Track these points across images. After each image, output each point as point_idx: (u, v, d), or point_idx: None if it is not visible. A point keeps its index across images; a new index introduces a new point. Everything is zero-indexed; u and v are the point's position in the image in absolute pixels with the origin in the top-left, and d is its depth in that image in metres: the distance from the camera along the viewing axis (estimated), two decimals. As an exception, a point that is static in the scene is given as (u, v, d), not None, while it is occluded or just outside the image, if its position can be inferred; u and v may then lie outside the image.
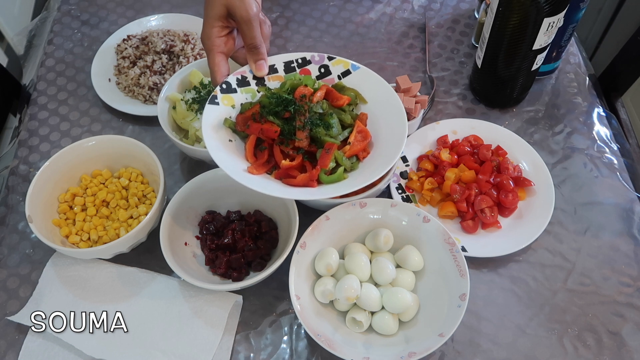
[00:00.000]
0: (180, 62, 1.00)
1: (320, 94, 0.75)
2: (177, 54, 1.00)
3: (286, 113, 0.73)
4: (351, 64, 0.79)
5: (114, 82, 1.01)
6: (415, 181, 0.86)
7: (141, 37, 1.03)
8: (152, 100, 0.97)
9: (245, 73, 0.77)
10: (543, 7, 0.77)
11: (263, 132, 0.72)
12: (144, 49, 1.01)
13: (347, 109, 0.77)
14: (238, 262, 0.76)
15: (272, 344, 0.75)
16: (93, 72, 0.99)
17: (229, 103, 0.75)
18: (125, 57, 1.01)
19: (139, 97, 0.98)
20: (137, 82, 0.98)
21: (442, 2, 1.12)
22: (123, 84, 0.99)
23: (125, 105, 0.96)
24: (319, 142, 0.73)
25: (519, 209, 0.84)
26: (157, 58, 1.00)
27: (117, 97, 0.98)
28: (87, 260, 0.80)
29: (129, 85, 0.98)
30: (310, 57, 0.80)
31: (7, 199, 0.89)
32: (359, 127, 0.75)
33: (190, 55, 1.00)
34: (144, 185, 0.85)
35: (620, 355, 0.73)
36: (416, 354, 0.66)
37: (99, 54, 1.03)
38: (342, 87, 0.79)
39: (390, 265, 0.74)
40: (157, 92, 0.97)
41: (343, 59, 0.80)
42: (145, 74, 0.98)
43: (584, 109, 0.97)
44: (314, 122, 0.72)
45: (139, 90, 0.98)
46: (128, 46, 1.02)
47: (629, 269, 0.80)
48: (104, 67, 1.01)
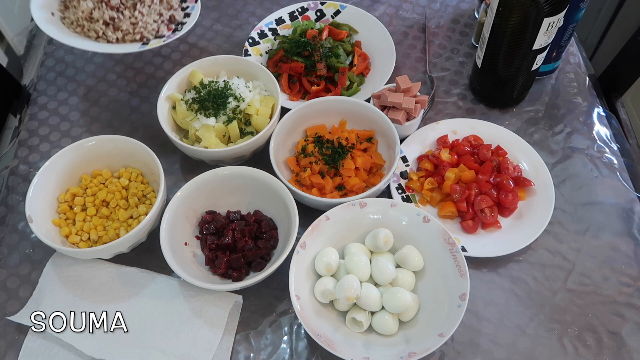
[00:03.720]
0: (143, 1, 0.93)
1: (325, 33, 0.99)
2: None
3: (305, 52, 0.96)
4: (339, 4, 1.04)
5: (57, 17, 0.93)
6: (415, 181, 0.86)
7: None
8: (105, 37, 0.91)
9: (262, 27, 1.01)
10: (543, 7, 0.77)
11: (292, 69, 0.95)
12: None
13: (346, 40, 1.01)
14: (238, 262, 0.76)
15: (272, 344, 0.75)
16: (33, 5, 0.90)
17: (257, 53, 1.00)
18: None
19: (90, 32, 0.91)
20: (88, 17, 0.90)
21: (442, 2, 1.12)
22: (70, 17, 0.92)
23: (75, 41, 0.89)
24: (334, 69, 0.96)
25: (519, 209, 0.84)
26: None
27: (63, 33, 0.90)
28: (87, 260, 0.80)
29: (78, 19, 0.91)
30: (307, 5, 1.04)
31: (7, 199, 0.89)
32: (358, 52, 0.99)
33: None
34: (144, 185, 0.85)
35: (620, 355, 0.73)
36: (416, 354, 0.67)
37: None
38: (337, 24, 1.03)
39: (390, 265, 0.74)
40: (113, 30, 0.91)
41: (332, 2, 1.04)
42: (99, 7, 0.91)
43: (584, 109, 0.97)
44: (326, 54, 0.96)
45: (91, 26, 0.90)
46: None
47: (629, 269, 0.80)
48: (47, 1, 0.93)
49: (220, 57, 0.91)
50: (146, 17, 0.92)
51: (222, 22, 1.10)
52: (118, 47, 0.90)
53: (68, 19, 0.92)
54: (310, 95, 0.95)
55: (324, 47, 0.96)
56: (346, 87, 0.96)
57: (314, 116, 0.89)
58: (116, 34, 0.91)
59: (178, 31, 0.93)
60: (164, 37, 0.93)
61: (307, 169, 0.84)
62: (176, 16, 0.96)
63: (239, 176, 0.81)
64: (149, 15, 0.92)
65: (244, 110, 0.87)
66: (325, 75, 0.97)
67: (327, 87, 0.97)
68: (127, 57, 1.05)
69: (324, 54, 0.96)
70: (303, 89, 0.96)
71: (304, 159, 0.85)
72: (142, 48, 0.90)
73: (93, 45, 0.89)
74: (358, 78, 0.97)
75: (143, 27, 0.91)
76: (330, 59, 0.96)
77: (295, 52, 0.96)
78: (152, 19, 0.93)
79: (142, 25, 0.91)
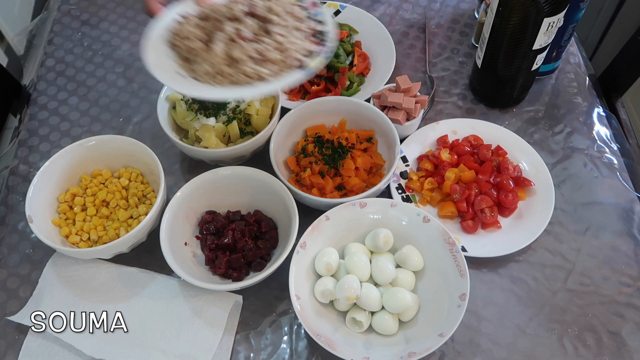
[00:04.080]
0: (271, 20, 0.73)
1: None
2: (264, 16, 0.74)
3: None
4: (339, 4, 1.03)
5: (186, 75, 0.73)
6: (415, 181, 0.86)
7: (199, 15, 0.75)
8: (257, 75, 0.70)
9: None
10: (543, 7, 0.77)
11: None
12: (210, 25, 0.74)
13: (346, 40, 1.00)
14: (238, 262, 0.76)
15: (272, 344, 0.75)
16: (155, 72, 0.71)
17: None
18: (190, 39, 0.74)
19: (237, 76, 0.70)
20: (227, 60, 0.71)
21: (442, 2, 1.12)
22: (200, 70, 0.71)
23: (233, 92, 0.71)
24: (334, 69, 0.96)
25: (519, 209, 0.84)
26: (239, 25, 0.72)
27: (211, 90, 0.71)
28: (87, 260, 0.80)
29: (214, 67, 0.71)
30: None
31: (7, 199, 0.89)
32: (358, 52, 0.99)
33: (282, 12, 0.74)
34: (144, 185, 0.85)
35: (620, 355, 0.73)
36: (416, 354, 0.66)
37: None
38: (337, 24, 1.00)
39: (390, 265, 0.74)
40: (262, 63, 0.71)
41: (332, 2, 1.03)
42: (236, 45, 0.71)
43: (584, 109, 0.97)
44: None
45: (237, 69, 0.70)
46: (190, 27, 0.74)
47: (629, 269, 0.80)
48: (164, 60, 0.74)
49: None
50: (288, 36, 0.73)
51: (222, 22, 1.10)
52: (281, 81, 0.71)
53: (197, 71, 0.72)
54: (310, 95, 0.95)
55: None
56: (346, 87, 0.96)
57: (314, 116, 0.89)
58: (267, 66, 0.71)
59: (325, 41, 0.74)
60: (317, 53, 0.73)
61: (307, 169, 0.84)
62: (313, 25, 0.77)
63: (239, 176, 0.81)
64: (289, 34, 0.74)
65: (244, 110, 0.87)
66: (325, 75, 0.97)
67: (327, 87, 0.97)
68: (127, 57, 1.06)
69: None
70: (303, 89, 0.97)
71: (304, 159, 0.85)
72: (308, 73, 0.72)
73: (255, 90, 0.71)
74: (358, 78, 0.98)
75: (293, 49, 0.72)
76: (330, 59, 0.96)
77: None
78: (294, 37, 0.74)
79: (290, 47, 0.72)
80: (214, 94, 0.70)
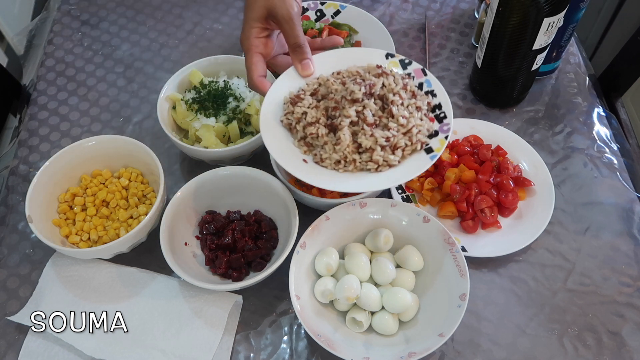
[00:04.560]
0: (391, 101, 0.70)
1: (325, 33, 0.99)
2: (380, 94, 0.71)
3: None
4: (339, 4, 1.03)
5: (310, 162, 0.70)
6: (415, 181, 0.86)
7: (310, 91, 0.73)
8: (387, 163, 0.68)
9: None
10: (543, 7, 0.77)
11: None
12: (329, 106, 0.71)
13: (346, 40, 0.99)
14: (238, 262, 0.76)
15: (272, 344, 0.75)
16: (280, 160, 0.69)
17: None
18: (312, 123, 0.70)
19: (367, 165, 0.69)
20: (355, 149, 0.69)
21: (442, 2, 1.12)
22: (331, 158, 0.69)
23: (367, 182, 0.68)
24: None
25: (519, 209, 0.84)
26: (360, 107, 0.69)
27: (332, 177, 0.69)
28: (87, 260, 0.80)
29: (344, 156, 0.69)
30: (307, 5, 1.02)
31: (7, 199, 0.89)
32: None
33: (399, 89, 0.71)
34: (144, 185, 0.85)
35: (620, 355, 0.73)
36: (416, 354, 0.66)
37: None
38: (337, 24, 1.02)
39: (390, 265, 0.74)
40: (392, 150, 0.69)
41: (332, 2, 1.03)
42: (362, 132, 0.68)
43: (584, 109, 0.97)
44: None
45: (364, 156, 0.68)
46: (306, 108, 0.71)
47: (629, 269, 0.80)
48: (284, 146, 0.72)
49: (220, 57, 0.91)
50: (410, 118, 0.70)
51: (222, 22, 1.10)
52: (410, 168, 0.69)
53: (328, 160, 0.69)
54: None
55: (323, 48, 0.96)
56: None
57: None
58: (396, 153, 0.69)
59: (445, 118, 0.72)
60: (441, 134, 0.71)
61: None
62: (428, 101, 0.73)
63: (239, 176, 0.81)
64: (411, 115, 0.70)
65: (244, 110, 0.87)
66: None
67: None
68: (127, 57, 1.06)
69: None
70: None
71: None
72: (434, 158, 0.68)
73: (388, 181, 0.68)
74: None
75: (418, 132, 0.69)
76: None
77: None
78: (416, 118, 0.70)
79: (415, 130, 0.69)
80: (352, 188, 0.67)
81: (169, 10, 1.12)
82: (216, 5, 1.13)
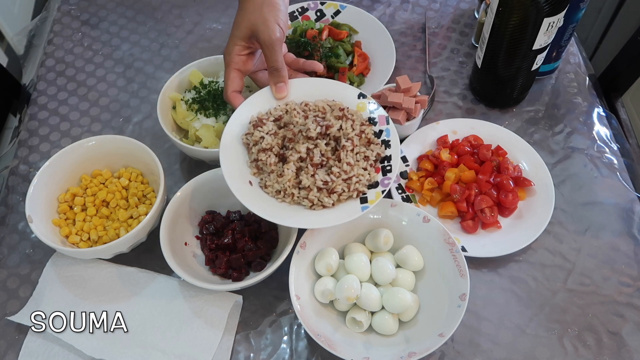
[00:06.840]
0: (342, 146, 0.73)
1: (325, 33, 0.99)
2: (335, 136, 0.74)
3: (306, 52, 0.95)
4: (339, 4, 1.04)
5: (256, 184, 0.74)
6: (415, 181, 0.86)
7: (275, 117, 0.76)
8: (321, 203, 0.71)
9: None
10: (543, 7, 0.77)
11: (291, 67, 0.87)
12: (286, 136, 0.75)
13: (346, 40, 1.01)
14: (238, 262, 0.76)
15: (272, 344, 0.75)
16: (227, 176, 0.71)
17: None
18: (265, 150, 0.73)
19: (302, 202, 0.72)
20: (296, 184, 0.73)
21: (442, 2, 1.12)
22: (273, 186, 0.73)
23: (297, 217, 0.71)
24: (334, 69, 0.96)
25: (519, 209, 0.84)
26: (312, 145, 0.73)
27: (268, 204, 0.72)
28: (87, 260, 0.80)
29: (284, 188, 0.72)
30: (307, 5, 1.04)
31: (7, 199, 0.89)
32: (358, 52, 0.99)
33: (353, 135, 0.73)
34: (144, 185, 0.85)
35: (620, 355, 0.73)
36: (416, 354, 0.66)
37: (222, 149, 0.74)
38: (337, 24, 1.03)
39: (390, 265, 0.74)
40: (328, 193, 0.71)
41: (332, 2, 1.04)
42: (305, 170, 0.72)
43: (584, 109, 0.97)
44: (327, 54, 0.96)
45: (299, 193, 0.72)
46: (265, 133, 0.74)
47: (629, 269, 0.80)
48: (236, 164, 0.74)
49: (220, 57, 0.91)
50: (355, 166, 0.73)
51: (222, 22, 1.10)
52: (341, 213, 0.72)
53: (271, 187, 0.73)
54: None
55: (324, 47, 0.97)
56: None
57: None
58: (332, 197, 0.72)
59: (389, 172, 0.73)
60: (379, 187, 0.73)
61: None
62: (378, 151, 0.75)
63: (239, 176, 0.81)
64: (357, 164, 0.73)
65: (243, 110, 0.87)
66: (326, 75, 0.97)
67: None
68: (127, 57, 1.06)
69: (324, 54, 0.96)
70: None
71: None
72: (365, 209, 0.71)
73: (319, 221, 0.71)
74: (358, 78, 0.98)
75: (357, 181, 0.72)
76: (330, 59, 0.96)
77: (295, 52, 0.96)
78: (361, 167, 0.73)
79: (356, 179, 0.72)
80: (278, 219, 0.71)
81: (168, 10, 1.12)
82: (216, 5, 1.13)
